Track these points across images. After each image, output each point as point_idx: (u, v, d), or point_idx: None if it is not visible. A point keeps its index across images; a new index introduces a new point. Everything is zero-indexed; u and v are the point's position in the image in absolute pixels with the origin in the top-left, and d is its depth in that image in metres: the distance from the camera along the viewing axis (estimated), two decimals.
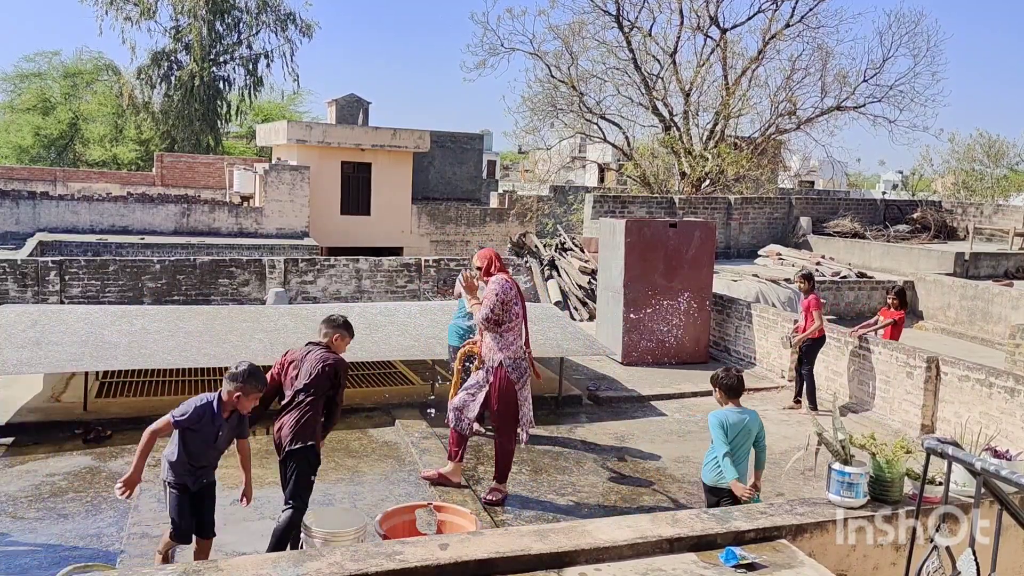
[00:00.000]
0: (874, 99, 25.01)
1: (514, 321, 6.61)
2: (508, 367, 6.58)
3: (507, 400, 6.63)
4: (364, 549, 3.47)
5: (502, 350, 6.58)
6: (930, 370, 8.70)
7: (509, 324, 6.57)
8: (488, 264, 6.82)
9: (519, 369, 6.64)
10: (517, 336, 6.66)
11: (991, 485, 3.38)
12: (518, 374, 6.64)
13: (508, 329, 6.58)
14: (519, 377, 6.64)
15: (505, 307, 6.53)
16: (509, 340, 6.59)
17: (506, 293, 6.54)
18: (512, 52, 25.62)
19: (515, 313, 6.61)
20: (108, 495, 6.53)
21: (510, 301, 6.57)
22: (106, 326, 8.83)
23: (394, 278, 15.21)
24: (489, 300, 6.53)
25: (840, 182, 48.25)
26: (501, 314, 6.51)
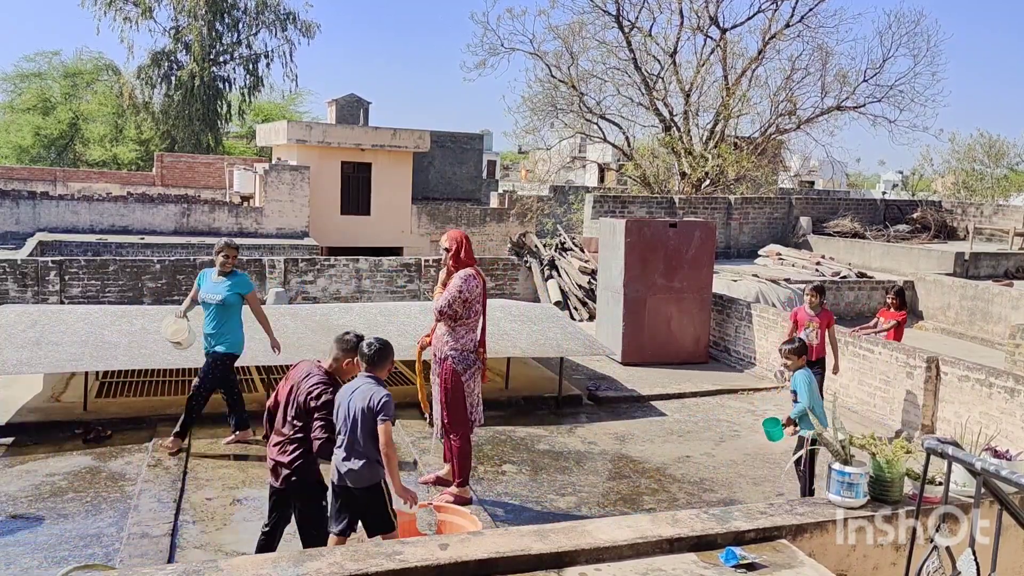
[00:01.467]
0: (874, 99, 25.03)
1: (471, 318, 6.52)
2: (454, 360, 6.48)
3: (455, 395, 6.52)
4: (364, 549, 3.47)
5: (450, 343, 6.49)
6: (930, 370, 8.70)
7: (465, 320, 6.48)
8: (457, 248, 6.57)
9: (466, 362, 6.51)
10: (470, 331, 6.55)
11: (991, 485, 3.38)
12: (464, 366, 6.51)
13: (462, 324, 6.49)
14: (465, 370, 6.51)
15: (466, 304, 6.44)
16: (460, 334, 6.49)
17: (471, 291, 6.44)
18: (512, 52, 25.63)
19: (475, 311, 6.52)
20: (108, 495, 6.54)
21: (473, 299, 6.46)
22: (106, 326, 8.83)
23: (394, 278, 15.21)
24: (450, 294, 6.40)
25: (840, 182, 48.27)
26: (460, 309, 6.42)
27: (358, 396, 4.86)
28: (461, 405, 6.54)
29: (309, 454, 4.93)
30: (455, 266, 6.56)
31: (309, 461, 4.95)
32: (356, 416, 4.82)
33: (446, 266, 6.63)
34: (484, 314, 6.68)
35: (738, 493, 7.19)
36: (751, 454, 8.23)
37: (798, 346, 6.79)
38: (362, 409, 4.80)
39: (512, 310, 10.64)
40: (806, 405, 6.20)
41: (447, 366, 6.50)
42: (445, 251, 6.60)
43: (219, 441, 7.86)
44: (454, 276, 6.51)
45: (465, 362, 6.52)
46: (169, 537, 5.75)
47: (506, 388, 9.99)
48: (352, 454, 4.83)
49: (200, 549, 5.72)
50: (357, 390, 4.89)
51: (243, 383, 9.83)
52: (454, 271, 6.56)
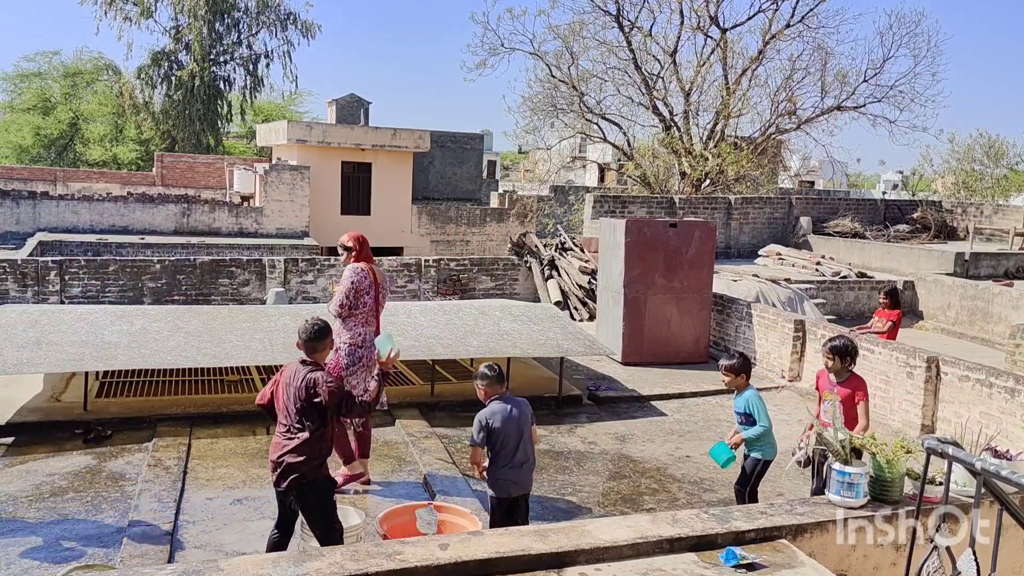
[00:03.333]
0: (874, 99, 25.06)
1: (361, 309, 6.74)
2: (343, 352, 6.70)
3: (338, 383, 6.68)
4: (364, 549, 3.47)
5: (341, 333, 6.71)
6: (930, 370, 8.70)
7: (356, 312, 6.73)
8: (360, 248, 6.90)
9: (354, 355, 6.73)
10: (361, 323, 6.77)
11: (991, 485, 3.38)
12: (350, 360, 6.72)
13: (353, 316, 6.73)
14: (350, 364, 6.72)
15: (357, 295, 6.70)
16: (350, 325, 6.73)
17: (360, 283, 6.70)
18: (512, 52, 25.66)
19: (364, 302, 6.75)
20: (108, 495, 6.54)
21: (363, 290, 6.72)
22: (106, 326, 8.82)
23: (394, 278, 15.21)
24: (342, 287, 6.69)
25: (840, 182, 48.25)
26: (354, 301, 6.67)
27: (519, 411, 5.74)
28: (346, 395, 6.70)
29: (315, 450, 5.02)
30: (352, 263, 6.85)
31: (315, 457, 5.03)
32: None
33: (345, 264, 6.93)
34: (378, 308, 6.93)
35: None
36: None
37: (738, 362, 6.19)
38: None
39: (512, 310, 10.64)
40: (768, 426, 6.05)
41: (337, 357, 6.71)
42: (347, 250, 6.87)
43: (219, 441, 7.86)
44: (345, 270, 6.81)
45: (353, 356, 6.73)
46: (169, 537, 5.75)
47: (506, 388, 9.98)
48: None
49: (200, 549, 5.72)
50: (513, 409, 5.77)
51: (243, 383, 9.84)
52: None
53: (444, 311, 10.44)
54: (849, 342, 6.15)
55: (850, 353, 6.07)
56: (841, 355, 6.04)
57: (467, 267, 15.89)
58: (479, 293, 15.64)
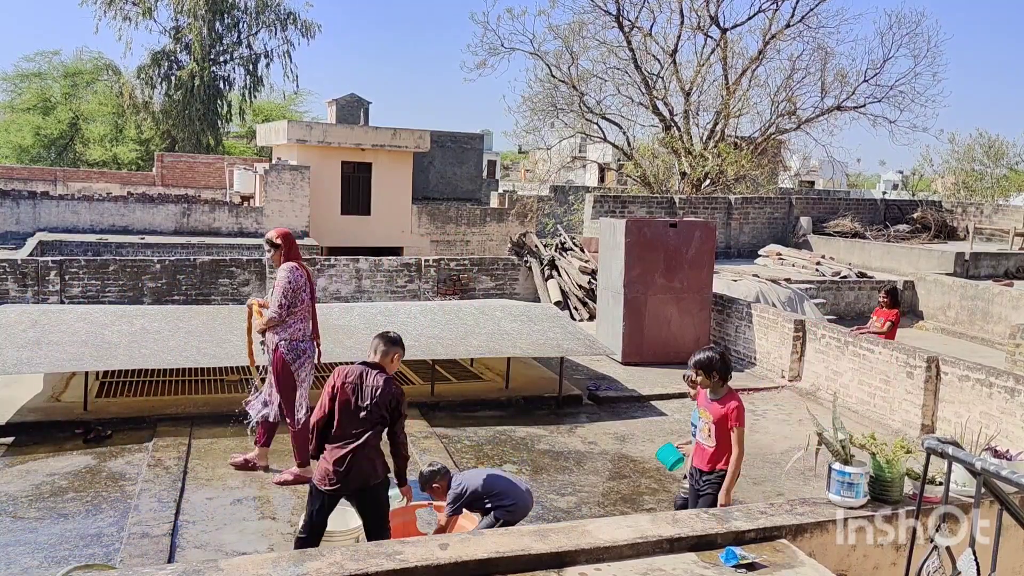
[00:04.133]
0: (874, 99, 25.05)
1: (299, 306, 6.84)
2: (283, 349, 6.81)
3: (285, 382, 6.86)
4: (364, 549, 3.47)
5: (280, 331, 6.80)
6: (930, 370, 8.69)
7: (294, 309, 6.81)
8: (290, 246, 6.98)
9: (296, 351, 6.85)
10: (300, 320, 6.88)
11: (991, 485, 3.38)
12: (294, 355, 6.84)
13: (292, 314, 6.81)
14: (295, 359, 6.84)
15: (295, 293, 6.79)
16: (290, 323, 6.82)
17: (296, 281, 6.80)
18: (512, 52, 25.65)
19: (302, 299, 6.85)
20: (108, 495, 6.54)
21: (300, 288, 6.82)
22: (106, 326, 8.83)
23: (394, 278, 15.21)
24: (280, 288, 6.75)
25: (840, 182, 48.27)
26: (292, 299, 6.75)
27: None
28: (291, 393, 6.88)
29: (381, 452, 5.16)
30: (282, 261, 6.93)
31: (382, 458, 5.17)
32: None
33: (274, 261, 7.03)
34: (313, 305, 7.04)
35: (738, 493, 7.15)
36: (751, 454, 8.21)
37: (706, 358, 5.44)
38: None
39: (512, 310, 10.64)
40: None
41: (278, 355, 6.82)
42: (274, 247, 6.95)
43: (219, 441, 7.86)
44: (279, 270, 6.87)
45: (295, 351, 6.85)
46: (169, 537, 5.76)
47: (506, 388, 9.99)
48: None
49: (200, 549, 5.72)
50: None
51: (243, 383, 9.84)
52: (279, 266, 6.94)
53: (444, 311, 10.44)
54: (715, 354, 5.42)
55: (716, 367, 5.35)
56: (705, 369, 5.37)
57: (467, 267, 15.89)
58: (479, 293, 15.63)
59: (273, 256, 6.98)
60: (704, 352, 5.50)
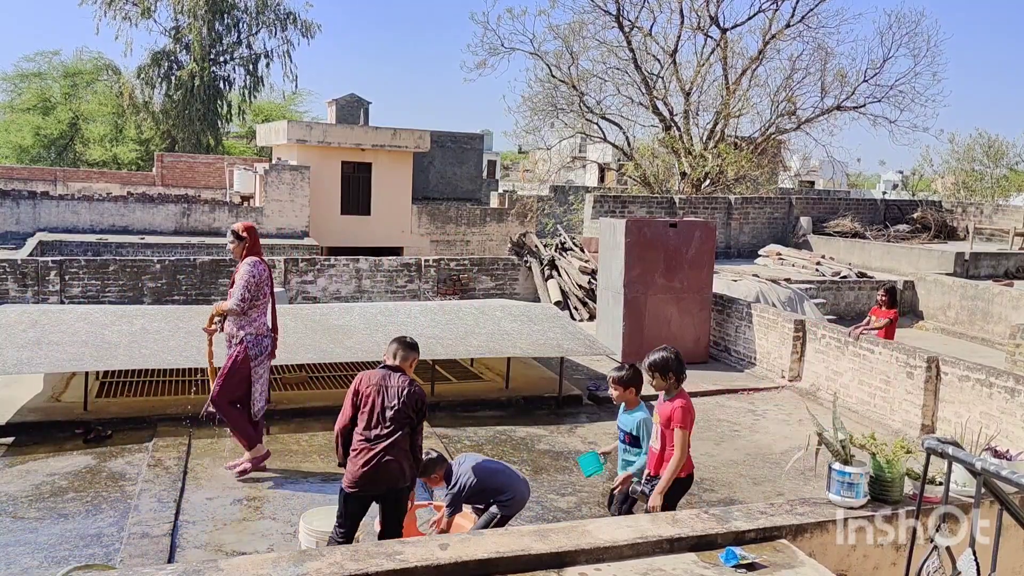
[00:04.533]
0: (874, 99, 25.05)
1: (261, 300, 6.86)
2: (248, 343, 6.83)
3: (239, 375, 6.87)
4: (364, 549, 3.47)
5: (244, 326, 6.82)
6: (930, 370, 8.69)
7: (256, 303, 6.82)
8: (254, 240, 6.99)
9: (259, 346, 6.89)
10: (262, 314, 6.91)
11: (991, 485, 3.38)
12: (257, 351, 6.87)
13: (254, 307, 6.82)
14: (257, 355, 6.88)
15: (258, 287, 6.80)
16: (253, 317, 6.85)
17: (259, 275, 6.82)
18: (512, 52, 25.65)
19: (264, 292, 6.88)
20: (108, 495, 6.54)
21: (262, 282, 6.85)
22: (106, 326, 8.82)
23: (394, 278, 15.21)
24: (243, 281, 6.75)
25: (840, 182, 48.23)
26: (254, 292, 6.76)
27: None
28: (241, 385, 6.89)
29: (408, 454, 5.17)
30: (244, 255, 6.93)
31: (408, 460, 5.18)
32: None
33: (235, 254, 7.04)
34: (273, 299, 7.05)
35: (738, 493, 7.19)
36: (751, 454, 8.23)
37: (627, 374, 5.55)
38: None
39: (512, 310, 10.64)
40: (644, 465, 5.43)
41: (242, 348, 6.82)
42: (239, 239, 6.95)
43: (219, 441, 7.86)
44: (241, 264, 6.88)
45: (259, 346, 6.89)
46: (169, 537, 5.76)
47: (506, 388, 9.99)
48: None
49: (200, 549, 5.72)
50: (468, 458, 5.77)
51: None
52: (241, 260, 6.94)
53: (444, 311, 10.44)
54: (670, 354, 5.26)
55: (672, 367, 5.21)
56: (661, 370, 5.23)
57: (467, 267, 15.89)
58: (479, 293, 15.64)
59: (236, 249, 6.98)
60: (658, 353, 5.30)
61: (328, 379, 10.09)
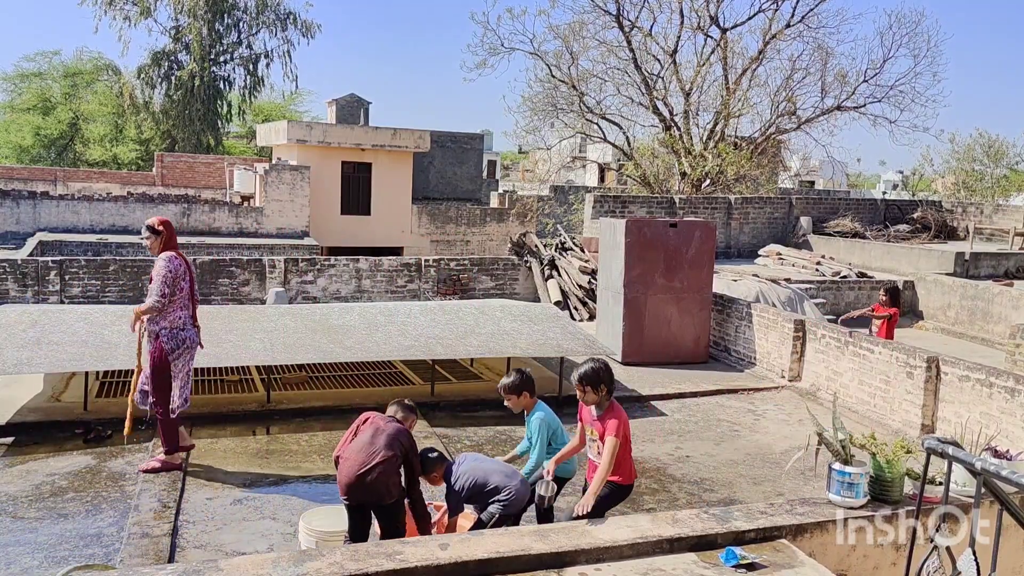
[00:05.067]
0: (874, 99, 25.07)
1: (179, 295, 6.79)
2: (164, 337, 6.77)
3: (161, 369, 6.81)
4: (364, 549, 3.47)
5: (159, 320, 6.76)
6: (930, 370, 8.69)
7: (174, 297, 6.76)
8: (170, 234, 6.90)
9: (176, 340, 6.81)
10: (180, 308, 6.84)
11: (991, 485, 3.38)
12: (174, 344, 6.80)
13: (172, 302, 6.76)
14: (175, 348, 6.81)
15: (175, 282, 6.74)
16: (169, 311, 6.77)
17: (175, 270, 6.74)
18: (512, 52, 25.69)
19: (181, 287, 6.81)
20: (108, 495, 6.54)
21: (180, 276, 6.78)
22: (106, 326, 8.82)
23: (394, 278, 15.21)
24: (160, 277, 6.68)
25: (840, 182, 48.26)
26: (172, 288, 6.70)
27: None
28: (166, 382, 6.84)
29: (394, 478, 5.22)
30: (161, 249, 6.85)
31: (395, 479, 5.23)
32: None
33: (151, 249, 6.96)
34: (193, 294, 6.99)
35: (738, 493, 7.19)
36: (751, 454, 8.23)
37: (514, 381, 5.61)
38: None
39: (512, 310, 10.64)
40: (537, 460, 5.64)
41: (158, 344, 6.77)
42: (155, 234, 6.85)
43: (219, 441, 7.86)
44: (157, 259, 6.81)
45: (175, 340, 6.81)
46: (169, 537, 5.75)
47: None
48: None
49: (200, 549, 5.72)
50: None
51: (243, 383, 9.84)
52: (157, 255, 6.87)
53: (444, 311, 10.44)
54: (601, 365, 5.08)
55: (603, 379, 4.99)
56: (593, 383, 4.98)
57: (467, 267, 15.89)
58: (479, 293, 15.64)
59: (152, 243, 6.89)
60: (588, 364, 5.09)
61: (328, 379, 10.09)
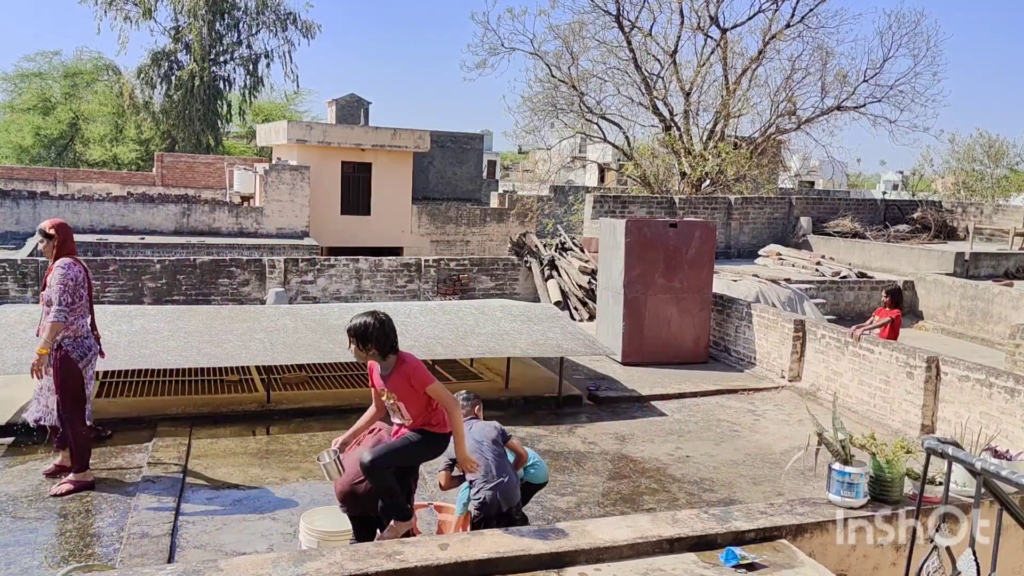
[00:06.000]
0: (874, 99, 25.08)
1: (79, 303, 6.60)
2: (69, 346, 6.55)
3: (72, 383, 6.57)
4: (364, 549, 3.47)
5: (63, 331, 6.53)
6: (930, 370, 8.69)
7: (74, 306, 6.56)
8: (65, 238, 6.68)
9: (81, 347, 6.62)
10: (80, 316, 6.64)
11: (991, 485, 3.38)
12: (80, 352, 6.60)
13: (72, 310, 6.56)
14: (81, 356, 6.60)
15: (76, 289, 6.54)
16: (71, 320, 6.56)
17: (75, 278, 6.54)
18: (512, 52, 25.72)
19: (80, 295, 6.62)
20: (108, 495, 6.54)
21: (79, 283, 6.59)
22: (106, 326, 8.80)
23: (394, 278, 15.21)
24: (57, 286, 6.46)
25: (840, 182, 48.27)
26: (71, 298, 6.49)
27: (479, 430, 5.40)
28: (78, 392, 6.62)
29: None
30: (56, 254, 6.64)
31: None
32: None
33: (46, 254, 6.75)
34: (91, 301, 6.80)
35: (738, 493, 7.19)
36: (751, 454, 8.23)
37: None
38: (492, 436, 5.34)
39: (512, 310, 10.64)
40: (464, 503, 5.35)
41: (62, 354, 6.53)
42: (48, 238, 6.64)
43: (219, 441, 7.86)
44: (54, 267, 6.59)
45: (81, 348, 6.62)
46: (169, 537, 5.75)
47: (506, 388, 9.99)
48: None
49: (200, 549, 5.72)
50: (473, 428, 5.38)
51: (243, 383, 9.84)
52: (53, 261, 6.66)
53: (444, 311, 10.44)
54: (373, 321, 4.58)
55: (371, 339, 4.56)
56: (360, 338, 4.57)
57: (467, 267, 15.89)
58: (479, 293, 15.64)
59: (46, 248, 6.67)
60: (360, 317, 4.63)
61: (328, 379, 10.09)
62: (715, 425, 9.19)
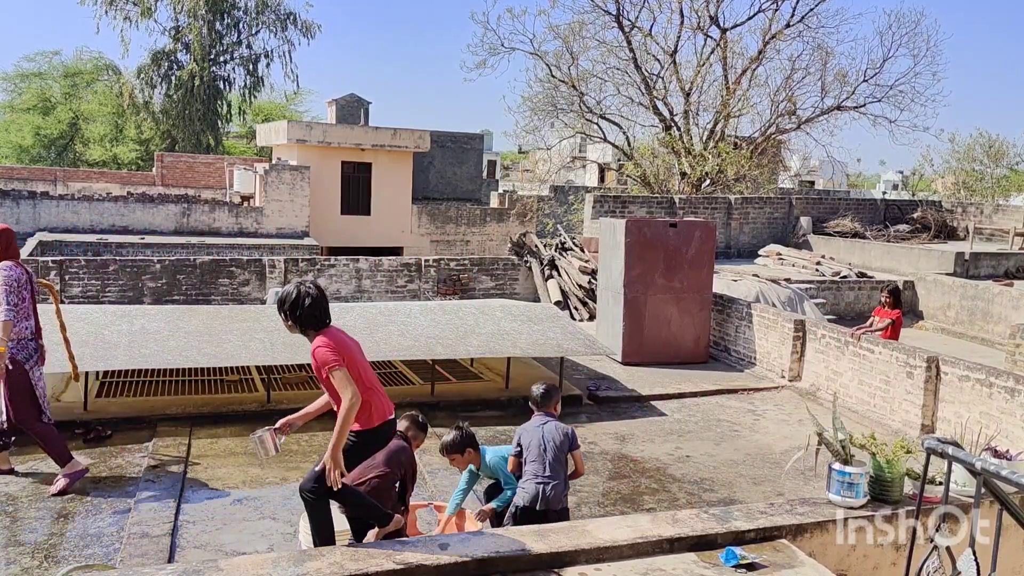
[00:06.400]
0: (874, 99, 25.11)
1: (22, 305, 6.56)
2: (13, 349, 6.50)
3: (22, 387, 6.53)
4: (364, 549, 3.47)
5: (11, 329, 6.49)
6: (930, 370, 8.69)
7: (19, 309, 6.52)
8: (9, 242, 6.68)
9: (26, 350, 6.57)
10: (24, 318, 6.59)
11: (991, 485, 3.38)
12: (25, 355, 6.55)
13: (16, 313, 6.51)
14: (27, 358, 6.55)
15: (19, 291, 6.51)
16: (14, 323, 6.50)
17: (17, 280, 6.52)
18: (512, 52, 25.75)
19: (23, 297, 6.58)
20: (108, 495, 6.54)
21: (22, 286, 6.56)
22: (106, 326, 8.82)
23: (394, 278, 15.21)
24: (3, 289, 6.41)
25: (840, 182, 48.27)
26: (16, 300, 6.46)
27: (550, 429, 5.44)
28: (28, 395, 6.56)
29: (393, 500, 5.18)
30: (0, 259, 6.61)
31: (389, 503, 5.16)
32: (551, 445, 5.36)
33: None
34: (35, 304, 6.77)
35: (738, 493, 7.19)
36: (751, 454, 8.23)
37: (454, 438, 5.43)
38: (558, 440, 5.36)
39: (512, 310, 10.63)
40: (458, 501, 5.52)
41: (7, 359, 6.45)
42: None
43: (219, 441, 7.86)
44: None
45: (25, 351, 6.57)
46: (169, 537, 5.75)
47: (506, 388, 9.99)
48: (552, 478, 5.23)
49: (200, 549, 5.71)
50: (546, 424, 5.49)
51: (243, 383, 9.84)
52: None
53: (444, 311, 10.43)
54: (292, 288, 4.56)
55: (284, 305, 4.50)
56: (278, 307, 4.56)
57: (467, 267, 15.89)
58: (479, 293, 15.64)
59: None
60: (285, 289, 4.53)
61: None
62: (715, 425, 9.18)
